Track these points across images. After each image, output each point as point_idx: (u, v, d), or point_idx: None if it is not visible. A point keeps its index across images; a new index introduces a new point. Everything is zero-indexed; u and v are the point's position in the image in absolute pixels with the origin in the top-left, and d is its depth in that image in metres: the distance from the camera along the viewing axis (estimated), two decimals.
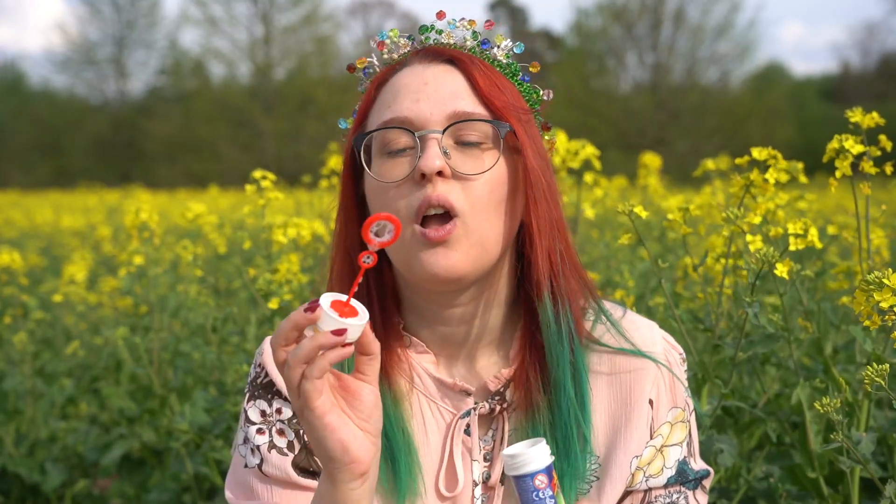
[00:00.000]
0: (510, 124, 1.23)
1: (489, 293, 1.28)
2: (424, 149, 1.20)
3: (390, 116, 1.23)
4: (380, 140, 1.24)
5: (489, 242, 1.22)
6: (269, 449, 1.27)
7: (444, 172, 1.19)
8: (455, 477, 1.26)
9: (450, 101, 1.22)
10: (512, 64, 1.31)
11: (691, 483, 1.29)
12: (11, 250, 3.67)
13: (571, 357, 1.25)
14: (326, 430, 1.06)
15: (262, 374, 1.31)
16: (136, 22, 35.13)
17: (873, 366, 1.36)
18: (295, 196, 5.43)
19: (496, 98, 1.24)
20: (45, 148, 32.53)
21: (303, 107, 30.37)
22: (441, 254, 1.19)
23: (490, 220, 1.22)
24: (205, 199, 11.26)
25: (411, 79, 1.25)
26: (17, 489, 3.28)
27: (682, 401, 1.30)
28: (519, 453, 1.08)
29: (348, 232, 1.31)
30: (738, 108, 29.17)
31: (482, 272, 1.24)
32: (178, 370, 3.08)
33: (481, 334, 1.30)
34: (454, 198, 1.19)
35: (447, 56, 1.27)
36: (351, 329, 1.03)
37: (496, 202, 1.22)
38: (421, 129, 1.21)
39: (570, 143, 2.56)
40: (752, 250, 1.63)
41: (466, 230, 1.20)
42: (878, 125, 1.62)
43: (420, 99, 1.23)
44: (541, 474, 1.07)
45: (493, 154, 1.23)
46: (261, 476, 1.27)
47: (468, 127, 1.22)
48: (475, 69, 1.25)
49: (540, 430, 1.24)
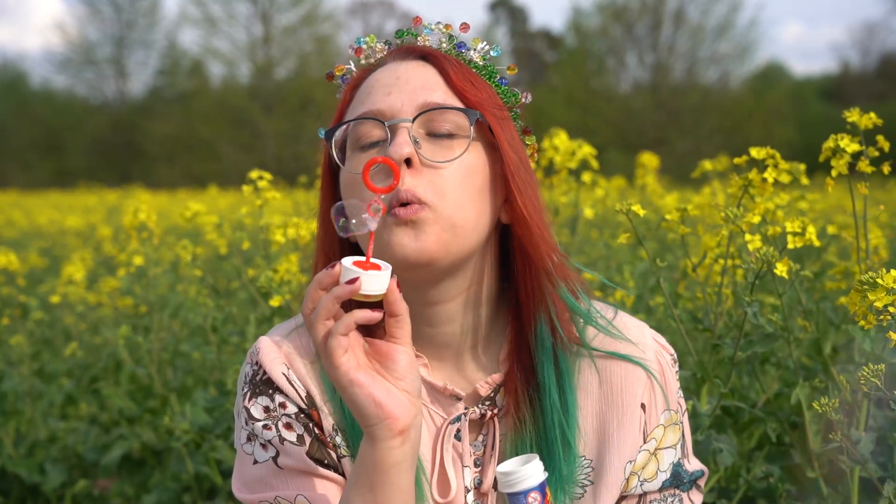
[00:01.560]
0: (483, 116, 1.22)
1: (474, 291, 1.27)
2: (394, 137, 1.20)
3: (362, 111, 1.24)
4: (353, 135, 1.24)
5: (460, 229, 1.20)
6: (280, 442, 1.26)
7: (412, 160, 1.18)
8: (447, 483, 1.25)
9: (421, 92, 1.22)
10: (489, 66, 1.31)
11: (686, 485, 1.29)
12: (9, 251, 3.67)
13: (556, 361, 1.25)
14: (354, 387, 1.07)
15: (261, 372, 1.30)
16: (136, 22, 35.14)
17: (870, 366, 1.37)
18: (293, 196, 5.43)
19: (469, 91, 1.23)
20: (45, 148, 32.53)
21: (303, 107, 30.35)
22: (411, 234, 1.18)
23: (462, 207, 1.20)
24: (204, 199, 11.27)
25: (384, 75, 1.26)
26: (16, 489, 3.28)
27: (675, 403, 1.30)
28: (512, 471, 1.09)
29: (328, 235, 1.30)
30: (738, 108, 29.18)
31: (455, 258, 1.21)
32: (178, 370, 3.08)
33: (467, 335, 1.28)
34: (421, 190, 1.18)
35: (420, 53, 1.27)
36: (371, 280, 1.06)
37: (470, 191, 1.21)
38: (392, 118, 1.21)
39: (567, 143, 2.56)
40: (751, 249, 1.63)
41: (436, 216, 1.18)
42: (876, 125, 1.62)
43: (392, 92, 1.23)
44: (534, 492, 1.08)
45: (464, 143, 1.21)
46: (275, 469, 1.26)
47: (440, 118, 1.21)
48: (448, 64, 1.25)
49: (526, 434, 1.23)
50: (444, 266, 1.21)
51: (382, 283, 1.07)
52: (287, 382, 1.28)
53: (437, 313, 1.27)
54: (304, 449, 1.25)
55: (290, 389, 1.27)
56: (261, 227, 2.35)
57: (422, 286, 1.24)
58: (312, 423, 1.26)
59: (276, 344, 1.32)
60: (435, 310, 1.27)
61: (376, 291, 1.07)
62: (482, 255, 1.26)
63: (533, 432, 1.24)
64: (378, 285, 1.07)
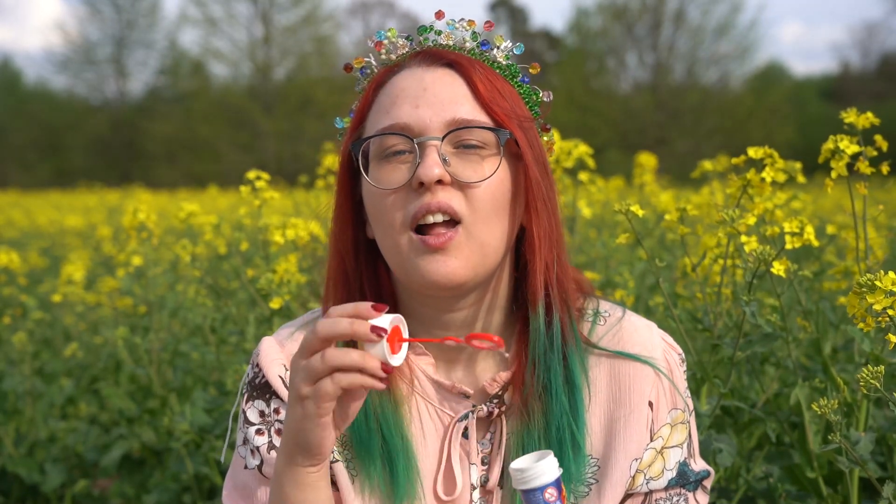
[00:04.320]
0: (511, 132, 1.22)
1: (489, 298, 1.28)
2: (423, 156, 1.19)
3: (389, 123, 1.22)
4: (378, 144, 1.23)
5: (489, 248, 1.21)
6: (268, 450, 1.27)
7: (443, 180, 1.19)
8: (453, 480, 1.26)
9: (449, 107, 1.21)
10: (511, 65, 1.30)
11: (692, 484, 1.29)
12: (10, 251, 3.67)
13: (564, 362, 1.25)
14: (318, 429, 1.07)
15: (260, 375, 1.30)
16: (136, 22, 35.14)
17: (869, 367, 1.36)
18: (293, 196, 5.43)
19: (497, 105, 1.23)
20: (45, 148, 32.54)
21: (303, 107, 30.36)
22: (440, 261, 1.19)
23: (491, 226, 1.21)
24: (204, 199, 11.26)
25: (410, 82, 1.24)
26: (16, 489, 3.28)
27: (682, 402, 1.30)
28: (528, 467, 1.08)
29: (343, 235, 1.30)
30: (738, 108, 29.18)
31: (482, 279, 1.23)
32: (177, 370, 3.08)
33: None
34: (456, 204, 1.19)
35: (447, 60, 1.25)
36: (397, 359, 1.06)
37: (497, 208, 1.22)
38: (420, 135, 1.20)
39: (563, 142, 2.56)
40: (747, 251, 1.63)
41: (468, 236, 1.19)
42: (874, 125, 1.62)
43: (419, 105, 1.21)
44: (550, 487, 1.07)
45: (493, 161, 1.22)
46: (260, 478, 1.27)
47: (468, 134, 1.21)
48: (475, 74, 1.24)
49: (534, 433, 1.23)
50: (471, 286, 1.23)
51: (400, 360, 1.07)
52: (283, 385, 1.28)
53: (452, 319, 1.28)
54: None
55: (286, 393, 1.27)
56: (259, 227, 2.35)
57: (443, 298, 1.25)
58: None
59: (279, 344, 1.32)
60: (450, 317, 1.27)
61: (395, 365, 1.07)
62: (501, 263, 1.27)
63: (541, 431, 1.23)
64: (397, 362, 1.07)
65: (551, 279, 1.25)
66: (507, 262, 1.29)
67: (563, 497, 1.08)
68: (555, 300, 1.25)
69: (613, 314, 1.32)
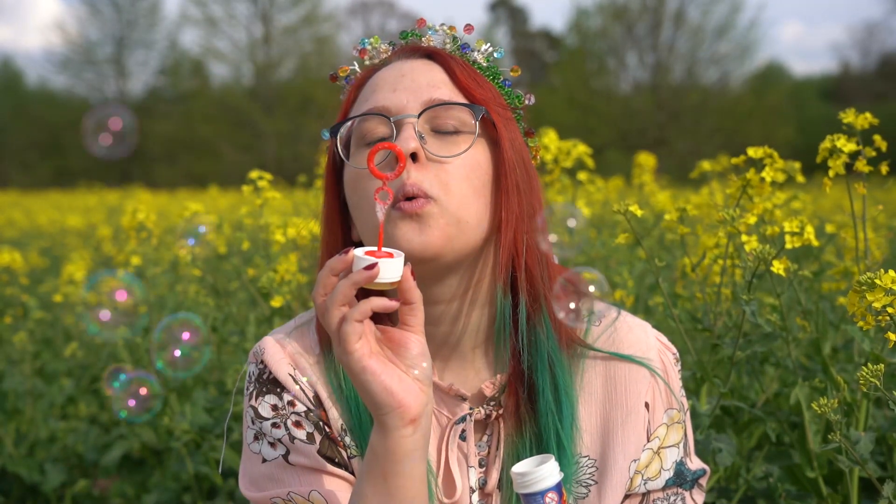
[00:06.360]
0: (488, 112, 1.23)
1: (472, 291, 1.27)
2: (399, 132, 1.20)
3: (367, 107, 1.24)
4: (358, 132, 1.24)
5: (465, 225, 1.21)
6: (291, 440, 1.26)
7: (417, 155, 1.19)
8: (452, 483, 1.26)
9: (426, 89, 1.23)
10: (492, 67, 1.32)
11: (688, 483, 1.30)
12: (12, 250, 3.67)
13: (552, 363, 1.25)
14: (366, 374, 1.06)
15: (266, 371, 1.30)
16: (136, 22, 35.12)
17: (869, 366, 1.37)
18: (293, 196, 5.43)
19: (474, 89, 1.24)
20: (45, 148, 32.52)
21: (303, 107, 30.35)
22: (416, 229, 1.18)
23: (467, 202, 1.21)
24: (204, 199, 11.26)
25: (389, 73, 1.26)
26: (17, 489, 3.28)
27: (677, 402, 1.30)
28: (529, 471, 1.08)
29: (331, 237, 1.31)
30: (738, 109, 29.17)
31: (459, 254, 1.22)
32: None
33: (469, 335, 1.28)
34: (427, 185, 1.18)
35: (425, 51, 1.28)
36: (387, 268, 1.06)
37: (474, 187, 1.21)
38: (397, 115, 1.21)
39: (562, 142, 2.55)
40: (747, 250, 1.63)
41: (441, 209, 1.19)
42: (873, 125, 1.63)
43: (397, 89, 1.23)
44: (551, 492, 1.07)
45: (469, 139, 1.22)
46: (286, 466, 1.26)
47: (445, 115, 1.22)
48: (454, 63, 1.26)
49: (526, 435, 1.24)
50: (447, 261, 1.22)
51: (397, 271, 1.08)
52: (294, 383, 1.28)
53: (441, 313, 1.27)
54: (314, 447, 1.25)
55: (298, 390, 1.27)
56: (260, 226, 2.35)
57: (424, 283, 1.24)
58: (322, 422, 1.26)
59: (280, 344, 1.32)
60: (438, 308, 1.27)
61: (391, 279, 1.07)
62: (483, 255, 1.26)
63: (532, 433, 1.24)
64: (393, 273, 1.07)
65: (518, 262, 1.24)
66: (492, 253, 1.27)
67: (563, 501, 1.08)
68: (522, 285, 1.24)
69: (608, 315, 1.32)
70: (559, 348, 1.26)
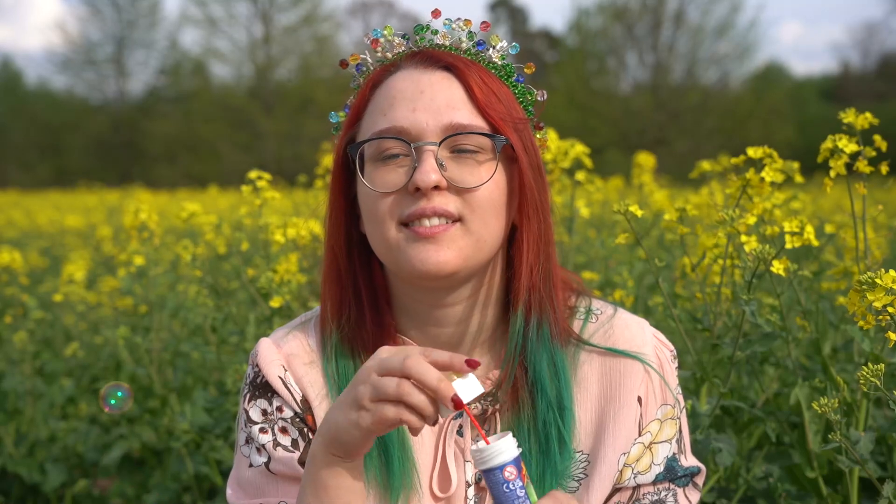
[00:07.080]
0: (507, 138, 1.23)
1: (483, 294, 1.29)
2: (420, 162, 1.20)
3: (386, 126, 1.23)
4: (375, 147, 1.24)
5: (484, 243, 1.23)
6: (274, 447, 1.28)
7: (440, 186, 1.20)
8: (448, 478, 1.27)
9: (446, 111, 1.22)
10: (507, 65, 1.31)
11: (681, 480, 1.30)
12: (13, 250, 3.67)
13: (552, 358, 1.26)
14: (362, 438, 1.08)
15: (260, 375, 1.31)
16: (137, 22, 35.12)
17: (869, 366, 1.37)
18: (292, 197, 5.43)
19: (493, 109, 1.24)
20: (45, 148, 32.54)
21: (303, 107, 30.35)
22: (431, 250, 1.20)
23: (489, 223, 1.23)
24: (204, 199, 11.27)
25: (407, 84, 1.25)
26: (17, 489, 3.28)
27: (672, 398, 1.31)
28: (485, 448, 1.09)
29: (336, 231, 1.31)
30: (738, 109, 29.17)
31: (473, 270, 1.24)
32: (178, 370, 3.08)
33: (475, 335, 1.30)
34: (452, 207, 1.20)
35: (444, 63, 1.26)
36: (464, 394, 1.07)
37: (493, 208, 1.23)
38: (417, 139, 1.21)
39: (561, 142, 2.55)
40: (747, 250, 1.63)
41: (466, 231, 1.21)
42: (873, 125, 1.63)
43: (416, 108, 1.22)
44: (509, 465, 1.07)
45: (489, 165, 1.23)
46: (267, 474, 1.28)
47: (464, 139, 1.22)
48: (472, 77, 1.24)
49: (525, 430, 1.24)
50: (462, 276, 1.24)
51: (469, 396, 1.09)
52: (283, 386, 1.29)
53: (446, 315, 1.28)
54: (296, 455, 1.27)
55: (286, 393, 1.29)
56: (260, 226, 2.35)
57: (436, 290, 1.26)
58: (307, 428, 1.28)
59: (276, 344, 1.33)
60: (444, 311, 1.28)
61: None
62: (493, 262, 1.28)
63: (531, 428, 1.25)
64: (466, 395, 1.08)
65: (535, 282, 1.26)
66: (500, 258, 1.30)
67: (523, 476, 1.08)
68: (538, 301, 1.26)
69: (605, 312, 1.33)
70: (559, 346, 1.27)
